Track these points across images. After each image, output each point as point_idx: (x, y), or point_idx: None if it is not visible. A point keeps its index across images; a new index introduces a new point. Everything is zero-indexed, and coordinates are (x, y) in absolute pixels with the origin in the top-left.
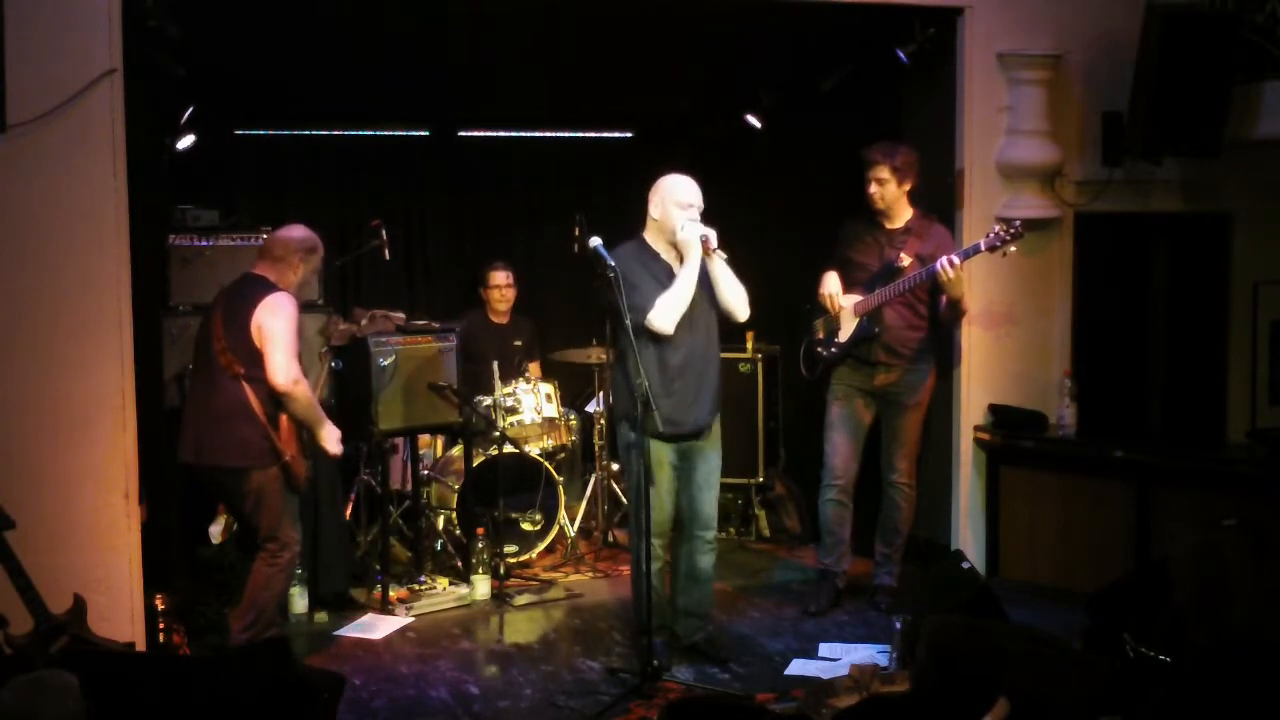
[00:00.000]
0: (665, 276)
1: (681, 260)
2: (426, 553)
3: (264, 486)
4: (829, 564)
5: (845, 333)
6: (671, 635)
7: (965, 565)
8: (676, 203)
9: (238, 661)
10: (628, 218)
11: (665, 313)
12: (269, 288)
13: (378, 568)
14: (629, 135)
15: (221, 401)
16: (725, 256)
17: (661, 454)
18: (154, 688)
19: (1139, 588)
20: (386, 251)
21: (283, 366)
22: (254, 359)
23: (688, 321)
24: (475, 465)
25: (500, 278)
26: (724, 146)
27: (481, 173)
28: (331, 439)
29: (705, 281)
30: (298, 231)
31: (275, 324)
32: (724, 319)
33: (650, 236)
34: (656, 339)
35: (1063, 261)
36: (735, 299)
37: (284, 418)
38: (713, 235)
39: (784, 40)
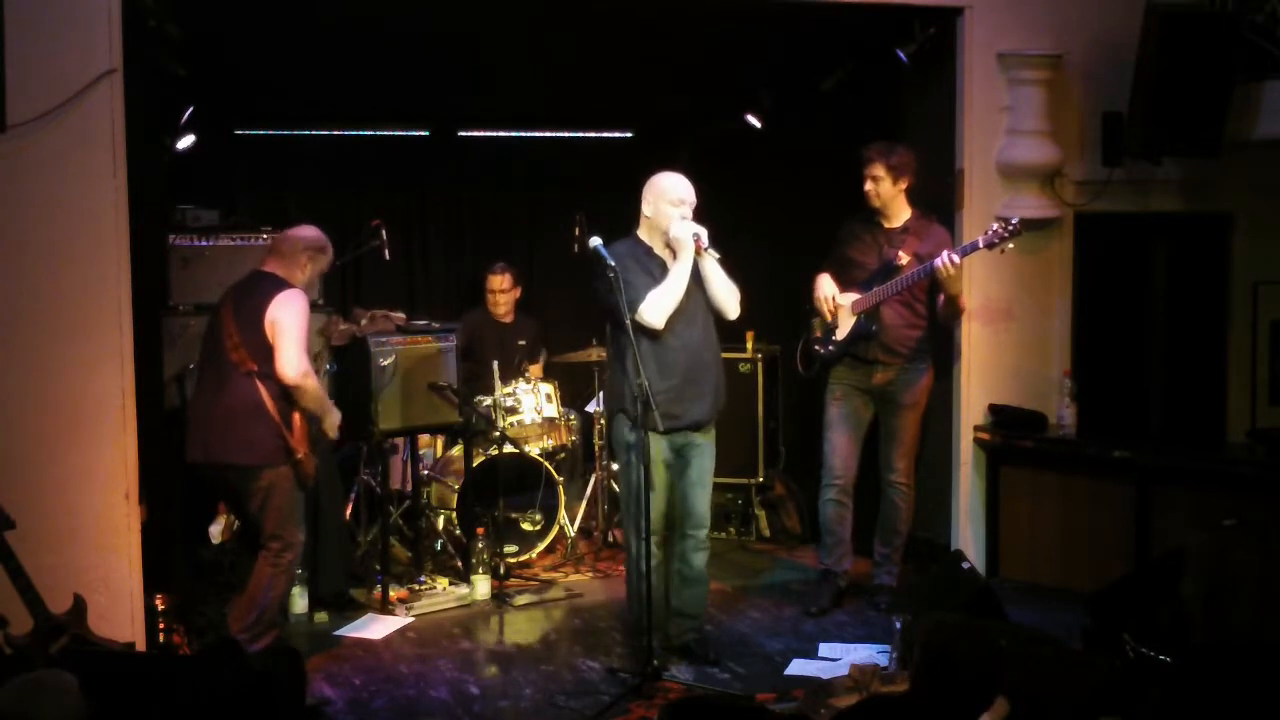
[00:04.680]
0: (659, 273)
1: (675, 257)
2: (426, 553)
3: (274, 485)
4: (830, 564)
5: (843, 331)
6: (663, 636)
7: (965, 565)
8: (669, 201)
9: (194, 666)
10: (627, 218)
11: (656, 308)
12: (281, 284)
13: (378, 568)
14: (629, 135)
15: (233, 399)
16: (717, 256)
17: (657, 452)
18: (139, 687)
19: (1139, 588)
20: (386, 251)
21: (293, 360)
22: (268, 355)
23: (684, 317)
24: (475, 465)
25: (497, 281)
26: (724, 146)
27: (481, 173)
28: (333, 424)
29: (700, 278)
30: (308, 232)
31: (288, 318)
32: (717, 316)
33: (644, 234)
34: (653, 335)
35: (1063, 261)
36: (726, 297)
37: (296, 415)
38: (704, 233)
39: (784, 40)
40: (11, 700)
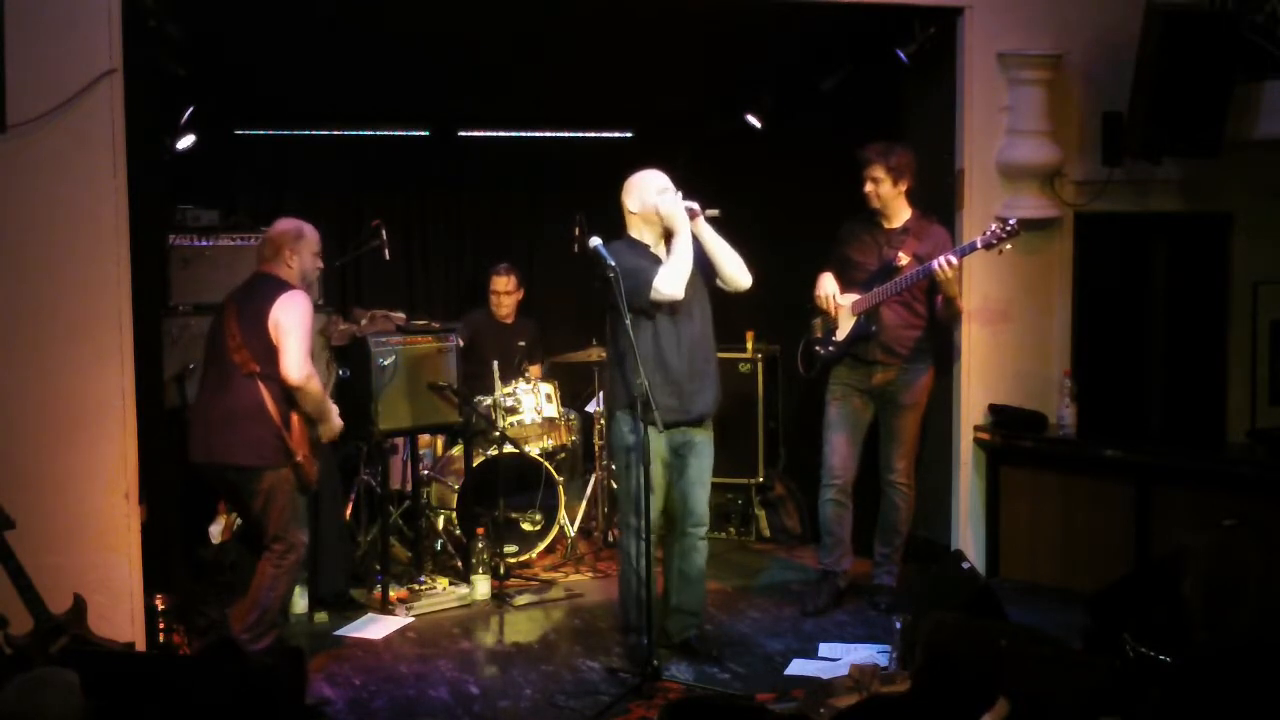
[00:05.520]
0: (658, 265)
1: (669, 250)
2: (426, 553)
3: (275, 487)
4: (829, 564)
5: (843, 331)
6: (662, 633)
7: (965, 565)
8: (656, 190)
9: (193, 667)
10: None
11: (670, 278)
12: (282, 285)
13: (378, 568)
14: (629, 135)
15: (235, 401)
16: (716, 212)
17: (657, 449)
18: (139, 687)
19: (1139, 588)
20: (386, 251)
21: (296, 361)
22: (270, 357)
23: (683, 310)
24: (475, 465)
25: (501, 283)
26: (724, 146)
27: (481, 173)
28: (333, 433)
29: (696, 270)
30: (280, 225)
31: (290, 320)
32: (727, 296)
33: (635, 233)
34: (655, 329)
35: (1063, 261)
36: (734, 265)
37: (296, 417)
38: (696, 204)
39: (784, 40)
40: (15, 697)
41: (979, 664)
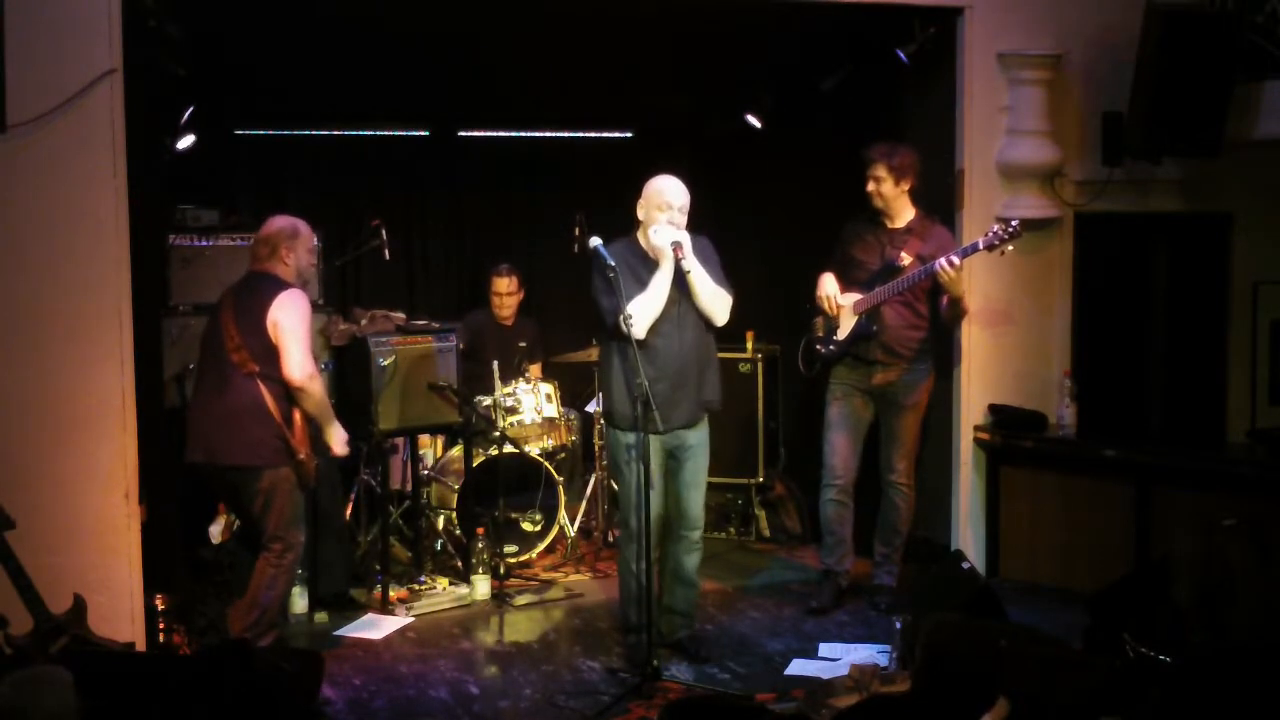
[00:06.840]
0: (650, 277)
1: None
2: (426, 553)
3: (275, 486)
4: (831, 564)
5: (844, 330)
6: (655, 633)
7: (965, 565)
8: (657, 205)
9: (193, 667)
10: (627, 218)
11: (637, 317)
12: (279, 284)
13: (378, 568)
14: (629, 135)
15: (234, 401)
16: (689, 270)
17: (650, 453)
18: (138, 687)
19: (1139, 588)
20: (386, 251)
21: (299, 362)
22: (270, 357)
23: (674, 320)
24: (475, 465)
25: (502, 284)
26: (724, 146)
27: (481, 173)
28: (338, 440)
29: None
30: (275, 223)
31: (290, 320)
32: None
33: (640, 236)
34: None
35: (1063, 261)
36: (712, 305)
37: (298, 416)
38: (686, 241)
39: (784, 40)
40: (12, 694)
41: (979, 664)
